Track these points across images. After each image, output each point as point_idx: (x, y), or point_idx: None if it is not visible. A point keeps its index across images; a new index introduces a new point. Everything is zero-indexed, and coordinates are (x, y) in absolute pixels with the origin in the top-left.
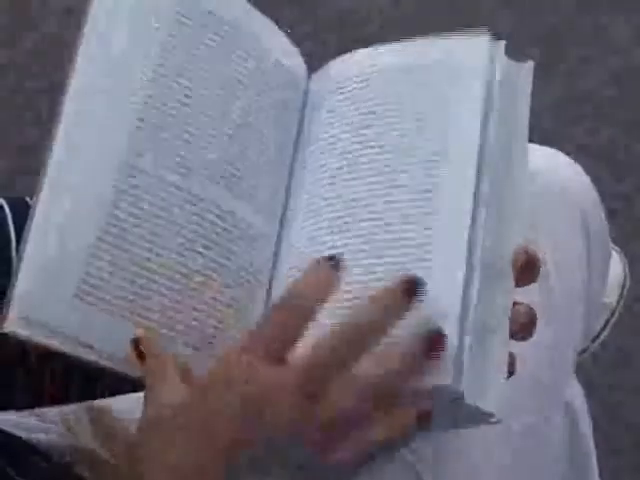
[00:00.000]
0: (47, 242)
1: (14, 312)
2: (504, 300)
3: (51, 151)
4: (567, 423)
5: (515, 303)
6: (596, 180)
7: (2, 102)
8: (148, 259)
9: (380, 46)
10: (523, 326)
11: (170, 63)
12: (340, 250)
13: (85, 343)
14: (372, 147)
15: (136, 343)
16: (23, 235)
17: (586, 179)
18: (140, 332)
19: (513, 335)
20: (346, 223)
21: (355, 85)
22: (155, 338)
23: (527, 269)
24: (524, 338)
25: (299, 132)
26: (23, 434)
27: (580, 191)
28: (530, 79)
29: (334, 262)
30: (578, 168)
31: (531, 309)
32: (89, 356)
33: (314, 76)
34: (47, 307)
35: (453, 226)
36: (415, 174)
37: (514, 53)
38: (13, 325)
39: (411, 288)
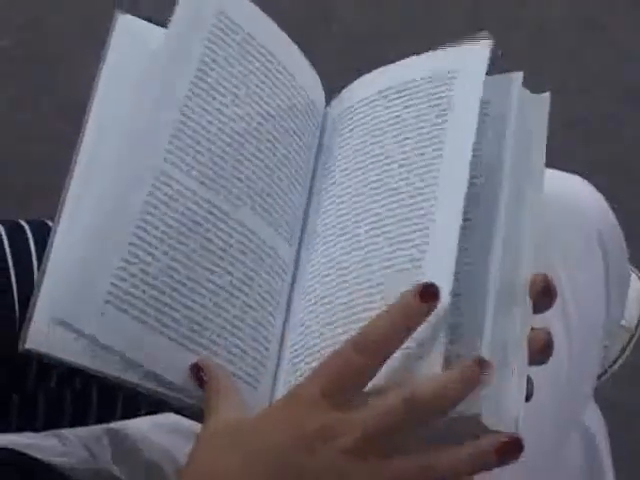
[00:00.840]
0: (75, 248)
1: (38, 325)
2: (522, 326)
3: (78, 155)
4: (585, 447)
5: (532, 328)
6: (612, 199)
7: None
8: (177, 270)
9: (387, 67)
10: (540, 350)
11: (207, 79)
12: (357, 270)
13: (114, 351)
14: (380, 165)
15: (196, 369)
16: (46, 249)
17: (602, 200)
18: (199, 359)
19: (531, 359)
20: (358, 241)
21: (363, 107)
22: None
23: (544, 295)
24: (542, 362)
25: (317, 157)
26: (44, 456)
27: (596, 213)
28: (546, 110)
29: (426, 291)
30: (593, 189)
31: (548, 333)
32: (112, 371)
33: (331, 103)
34: (78, 311)
35: (445, 237)
36: (416, 186)
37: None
38: (34, 343)
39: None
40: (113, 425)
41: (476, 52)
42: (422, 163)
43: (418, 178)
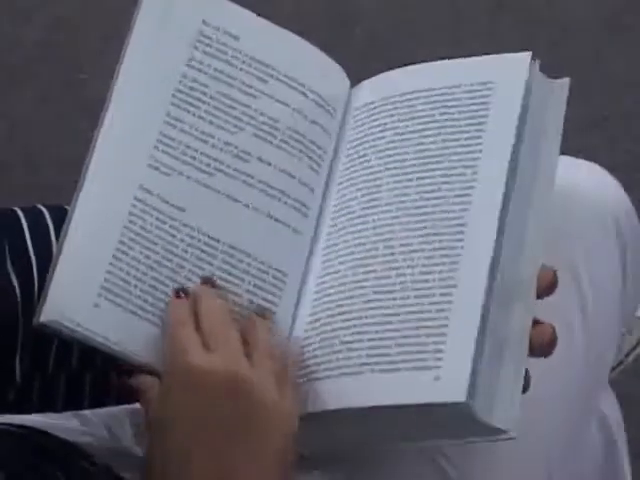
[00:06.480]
0: (76, 243)
1: (47, 309)
2: (522, 321)
3: (93, 148)
4: (602, 435)
5: (537, 322)
6: (628, 189)
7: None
8: (168, 259)
9: (417, 66)
10: (544, 345)
11: (193, 80)
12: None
13: (108, 340)
14: (403, 168)
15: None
16: (59, 240)
17: (618, 187)
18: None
19: (534, 352)
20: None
21: (392, 105)
22: None
23: (548, 289)
24: (544, 356)
25: (335, 149)
26: (66, 436)
27: (613, 199)
28: (565, 96)
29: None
30: (609, 176)
31: (552, 328)
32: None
33: (352, 91)
34: (73, 305)
35: (478, 250)
36: (445, 195)
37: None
38: (47, 317)
39: None
40: (135, 406)
41: (516, 65)
42: (456, 179)
43: (451, 193)
